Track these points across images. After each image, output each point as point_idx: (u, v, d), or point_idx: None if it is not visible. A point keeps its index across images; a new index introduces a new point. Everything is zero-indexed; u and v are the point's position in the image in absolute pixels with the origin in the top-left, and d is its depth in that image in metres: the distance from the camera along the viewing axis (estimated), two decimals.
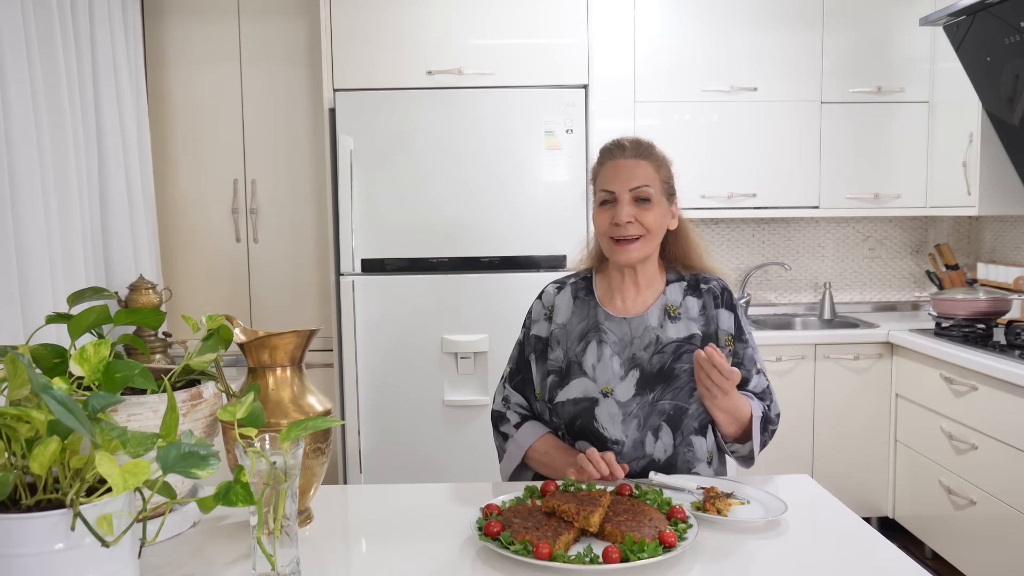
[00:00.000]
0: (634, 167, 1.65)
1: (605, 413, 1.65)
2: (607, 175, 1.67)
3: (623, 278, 1.71)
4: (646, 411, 1.64)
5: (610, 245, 1.66)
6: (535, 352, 1.76)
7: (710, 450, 1.70)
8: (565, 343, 1.72)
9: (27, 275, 2.13)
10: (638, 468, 1.64)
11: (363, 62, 2.95)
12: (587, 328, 1.71)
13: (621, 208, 1.62)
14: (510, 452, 1.74)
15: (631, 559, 1.17)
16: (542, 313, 1.77)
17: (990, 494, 2.67)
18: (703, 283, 1.73)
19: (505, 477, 1.77)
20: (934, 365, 2.97)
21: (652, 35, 3.36)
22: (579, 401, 1.66)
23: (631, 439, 1.64)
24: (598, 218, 1.68)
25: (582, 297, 1.75)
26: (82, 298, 1.30)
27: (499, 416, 1.79)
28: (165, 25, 3.22)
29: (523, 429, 1.73)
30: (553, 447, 1.69)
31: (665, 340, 1.67)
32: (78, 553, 0.91)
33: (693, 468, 1.67)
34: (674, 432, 1.64)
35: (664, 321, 1.69)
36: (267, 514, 1.08)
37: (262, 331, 1.36)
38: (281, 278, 3.33)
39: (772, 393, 1.71)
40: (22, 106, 2.12)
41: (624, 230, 1.63)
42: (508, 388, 1.79)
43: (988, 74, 2.93)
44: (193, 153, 3.27)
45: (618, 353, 1.67)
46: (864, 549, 1.30)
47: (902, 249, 3.87)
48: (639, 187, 1.63)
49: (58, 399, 0.88)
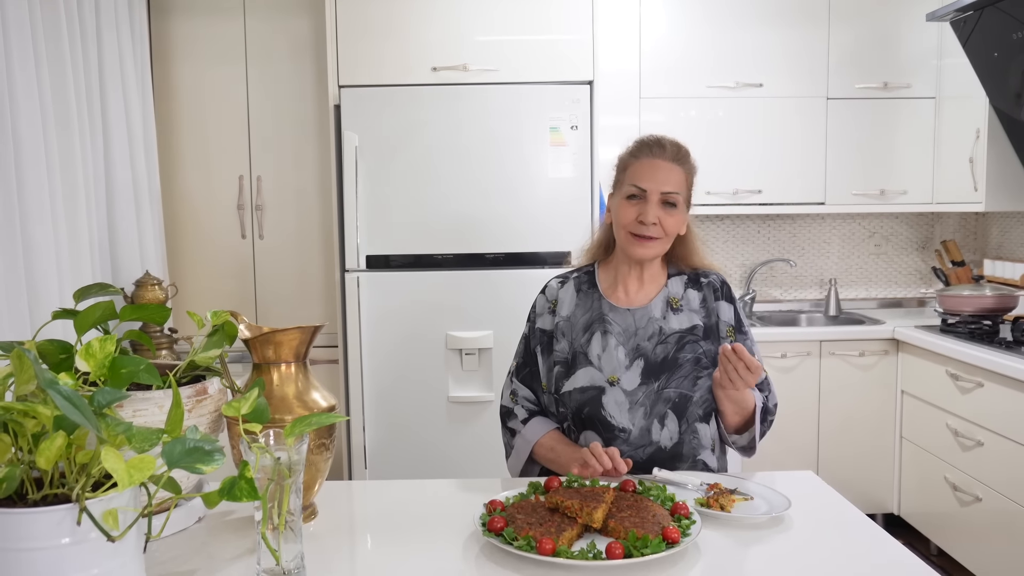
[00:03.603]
0: (670, 171, 1.68)
1: (612, 401, 1.67)
2: (643, 171, 1.68)
3: (629, 270, 1.74)
4: (652, 399, 1.66)
5: (628, 238, 1.68)
6: (540, 345, 1.78)
7: (714, 437, 1.73)
8: (570, 334, 1.73)
9: (34, 271, 2.14)
10: (644, 456, 1.66)
11: (368, 59, 2.95)
12: (592, 319, 1.73)
13: (650, 208, 1.65)
14: (518, 448, 1.76)
15: (634, 555, 1.17)
16: (546, 307, 1.80)
17: (996, 491, 2.66)
18: (703, 277, 1.77)
19: (514, 473, 1.78)
20: (940, 362, 2.96)
21: (657, 31, 3.35)
22: (586, 390, 1.68)
23: (638, 427, 1.66)
24: (623, 210, 1.69)
25: (585, 290, 1.77)
26: (88, 294, 1.30)
27: (507, 412, 1.81)
28: (171, 22, 3.23)
29: (530, 424, 1.75)
30: (559, 442, 1.71)
31: (668, 331, 1.70)
32: (84, 547, 0.91)
33: (698, 455, 1.69)
34: (679, 419, 1.67)
35: (667, 312, 1.72)
36: (271, 509, 1.09)
37: (267, 327, 1.36)
38: (286, 274, 3.33)
39: (770, 384, 1.74)
40: (29, 103, 2.13)
41: (648, 229, 1.65)
42: (515, 382, 1.82)
43: (995, 70, 2.92)
44: (199, 150, 3.28)
45: (623, 343, 1.69)
46: (868, 545, 1.30)
47: (908, 245, 3.86)
48: (671, 192, 1.66)
49: (64, 394, 0.89)
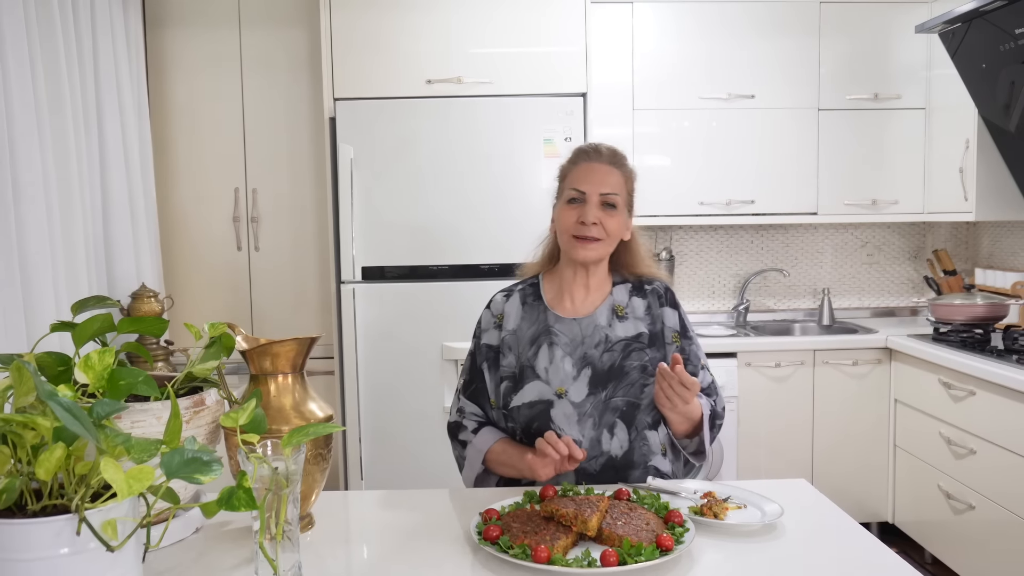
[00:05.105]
0: (607, 173, 1.71)
1: (560, 414, 1.67)
2: (580, 175, 1.72)
3: (574, 277, 1.75)
4: (600, 409, 1.67)
5: (571, 241, 1.70)
6: (487, 361, 1.78)
7: (663, 442, 1.73)
8: (516, 348, 1.74)
9: (30, 284, 2.15)
10: (597, 467, 1.66)
11: (363, 71, 2.97)
12: (538, 332, 1.74)
13: (589, 209, 1.68)
14: (470, 458, 1.76)
15: (628, 563, 1.19)
16: (492, 321, 1.80)
17: (989, 499, 2.68)
18: (647, 284, 1.79)
19: (468, 484, 1.78)
20: (933, 370, 2.98)
21: (650, 43, 3.38)
22: (534, 404, 1.69)
23: (588, 438, 1.66)
24: (563, 214, 1.72)
25: (531, 302, 1.78)
26: (86, 307, 1.31)
27: (456, 426, 1.81)
28: (166, 34, 3.24)
29: (480, 434, 1.75)
30: (510, 445, 1.71)
31: (614, 339, 1.71)
32: (83, 558, 0.92)
33: (650, 461, 1.69)
34: (628, 427, 1.68)
35: (612, 320, 1.73)
36: (269, 519, 1.10)
37: (264, 339, 1.37)
38: (282, 286, 3.34)
39: (717, 388, 1.77)
40: (25, 116, 2.14)
41: (588, 230, 1.68)
42: (463, 399, 1.81)
43: (984, 81, 2.95)
44: (194, 162, 3.29)
45: (569, 354, 1.71)
46: (861, 553, 1.31)
47: (900, 255, 3.88)
48: (609, 193, 1.69)
49: (64, 406, 0.90)
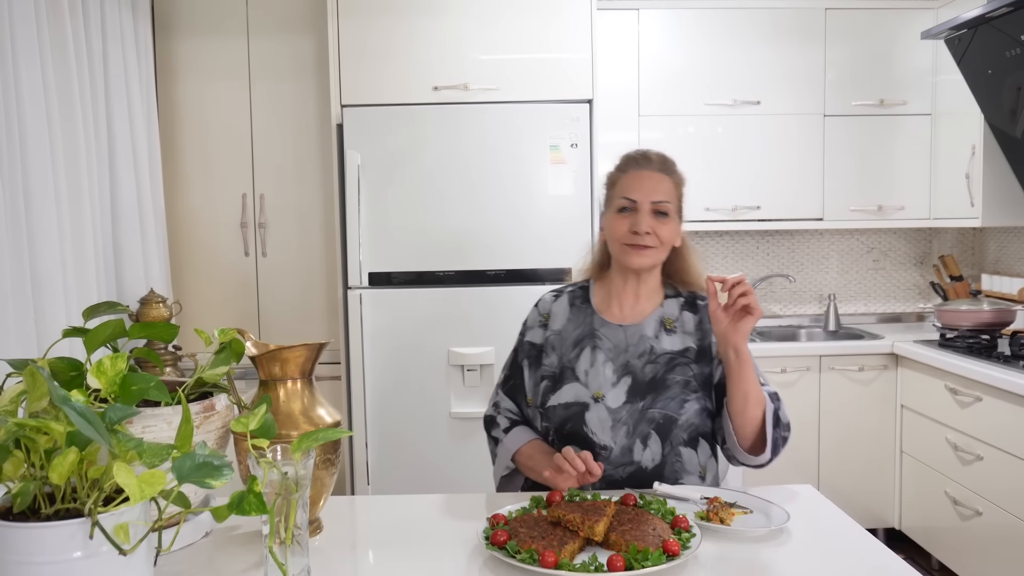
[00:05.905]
0: (658, 181, 1.69)
1: (595, 418, 1.66)
2: (630, 183, 1.70)
3: (625, 285, 1.74)
4: (635, 418, 1.65)
5: (623, 249, 1.68)
6: (528, 358, 1.78)
7: (702, 464, 1.69)
8: (560, 349, 1.74)
9: (41, 289, 2.16)
10: (625, 475, 1.64)
11: (370, 78, 2.98)
12: (582, 334, 1.73)
13: (642, 218, 1.66)
14: (500, 457, 1.77)
15: (635, 567, 1.19)
16: (538, 320, 1.81)
17: (996, 505, 2.67)
18: (700, 299, 1.76)
19: (496, 479, 1.78)
20: (939, 376, 2.98)
21: (655, 50, 3.39)
22: (570, 406, 1.68)
23: (619, 445, 1.64)
24: (615, 223, 1.69)
25: (579, 305, 1.78)
26: (97, 312, 1.33)
27: (490, 420, 1.82)
28: (175, 41, 3.27)
29: (512, 434, 1.76)
30: (537, 450, 1.70)
31: (659, 351, 1.69)
32: (96, 561, 0.93)
33: (681, 479, 1.66)
34: (663, 441, 1.65)
35: (660, 332, 1.71)
36: (279, 523, 1.11)
37: (273, 344, 1.39)
38: (289, 291, 3.35)
39: (780, 401, 1.70)
40: (36, 123, 2.16)
41: (642, 239, 1.66)
42: (500, 394, 1.83)
43: (990, 87, 2.95)
44: (203, 168, 3.31)
45: (611, 359, 1.69)
46: (867, 559, 1.31)
47: (906, 260, 3.88)
48: (661, 201, 1.67)
49: (78, 411, 0.91)
